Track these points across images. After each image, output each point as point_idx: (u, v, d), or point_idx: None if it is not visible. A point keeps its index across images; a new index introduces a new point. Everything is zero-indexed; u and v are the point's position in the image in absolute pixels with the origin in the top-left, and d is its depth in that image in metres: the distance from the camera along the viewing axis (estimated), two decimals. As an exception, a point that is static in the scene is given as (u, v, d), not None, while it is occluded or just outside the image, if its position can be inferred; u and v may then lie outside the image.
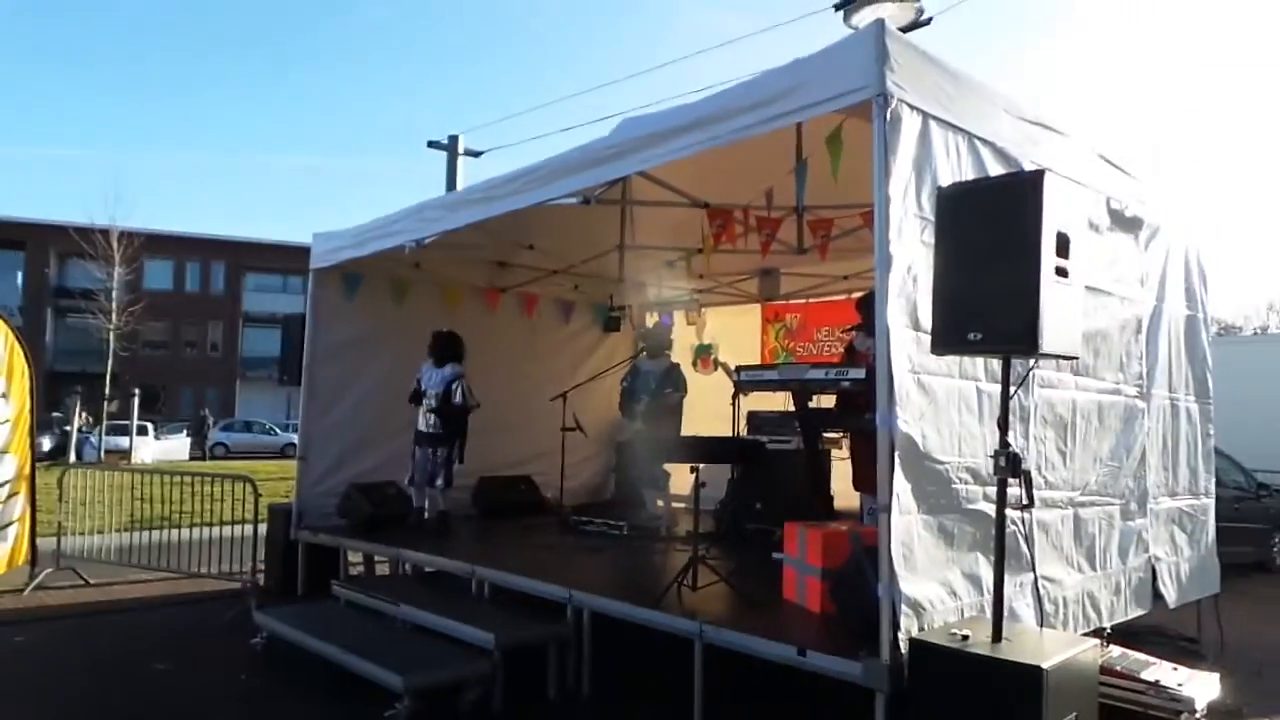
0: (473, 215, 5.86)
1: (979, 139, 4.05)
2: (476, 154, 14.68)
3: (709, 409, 8.01)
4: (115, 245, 27.86)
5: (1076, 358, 3.99)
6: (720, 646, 4.11)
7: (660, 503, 7.70)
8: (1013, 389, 3.44)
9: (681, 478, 6.57)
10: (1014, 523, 3.85)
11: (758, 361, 9.03)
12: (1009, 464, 3.33)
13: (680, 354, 8.79)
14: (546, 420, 8.31)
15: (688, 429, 7.63)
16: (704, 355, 9.35)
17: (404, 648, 5.08)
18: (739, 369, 6.52)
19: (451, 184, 13.99)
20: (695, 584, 4.82)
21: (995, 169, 4.06)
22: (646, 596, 4.68)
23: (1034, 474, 4.08)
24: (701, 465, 5.16)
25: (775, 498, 6.60)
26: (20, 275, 42.45)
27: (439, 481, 7.46)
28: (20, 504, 7.65)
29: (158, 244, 36.37)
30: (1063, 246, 3.23)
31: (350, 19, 76.68)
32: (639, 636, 4.62)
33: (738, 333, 9.58)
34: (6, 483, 7.53)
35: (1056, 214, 3.20)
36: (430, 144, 14.40)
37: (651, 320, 9.61)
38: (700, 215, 6.38)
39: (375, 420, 7.95)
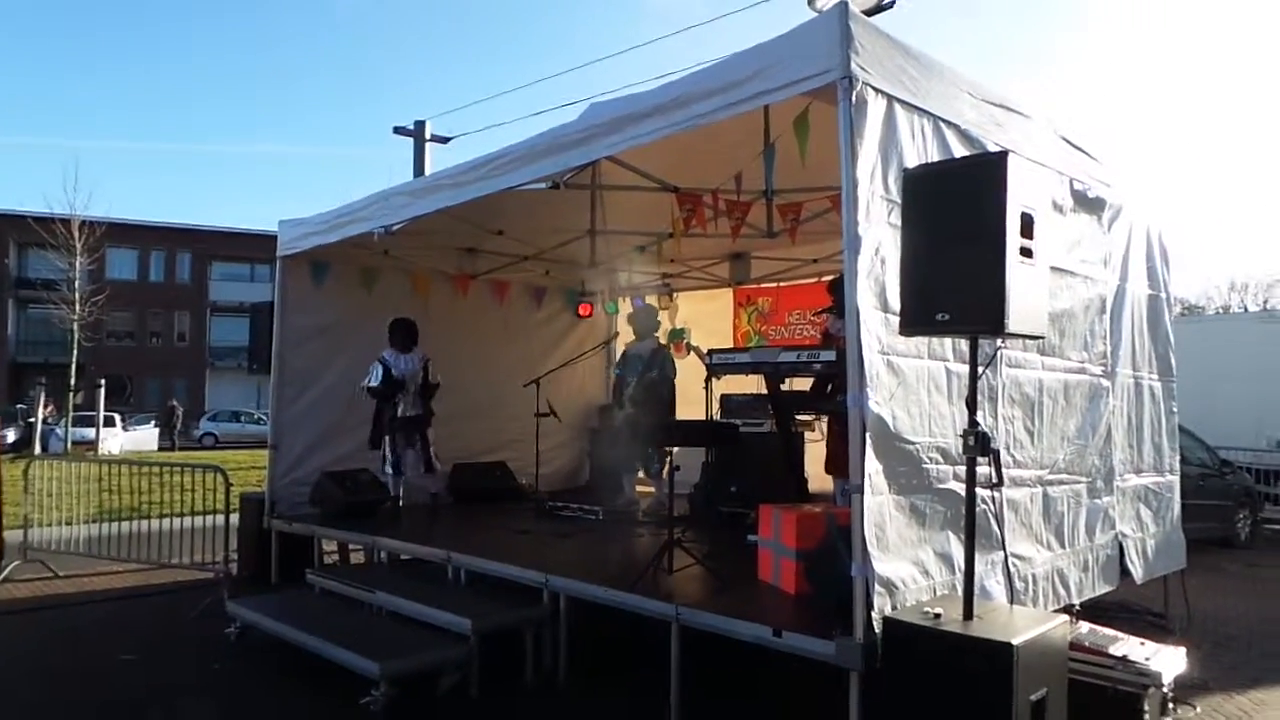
0: (441, 201, 5.81)
1: (943, 121, 4.08)
2: (444, 140, 14.55)
3: (682, 393, 8.02)
4: (76, 235, 27.29)
5: (1042, 337, 4.05)
6: (697, 628, 4.14)
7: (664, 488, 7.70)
8: (981, 369, 3.48)
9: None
10: (984, 501, 3.91)
11: (730, 345, 9.05)
12: (978, 443, 3.37)
13: (653, 338, 8.79)
14: (520, 406, 8.28)
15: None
16: (676, 340, 9.36)
17: (380, 635, 5.08)
18: (711, 352, 6.53)
19: (420, 170, 13.86)
20: (671, 567, 4.85)
21: (960, 150, 4.09)
22: (623, 580, 4.69)
23: (1003, 453, 4.13)
24: (676, 449, 5.18)
25: (749, 480, 6.64)
26: (-21, 266, 41.52)
27: (436, 465, 7.61)
28: (-15, 497, 7.53)
29: (121, 233, 35.72)
30: (1027, 227, 3.26)
31: (315, 5, 75.52)
32: (616, 620, 4.64)
33: (710, 317, 9.61)
34: (-31, 476, 7.41)
35: (1020, 195, 3.22)
36: (396, 129, 14.27)
37: (625, 306, 9.60)
38: (670, 199, 6.37)
39: (346, 408, 7.88)
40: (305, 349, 7.80)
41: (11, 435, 23.03)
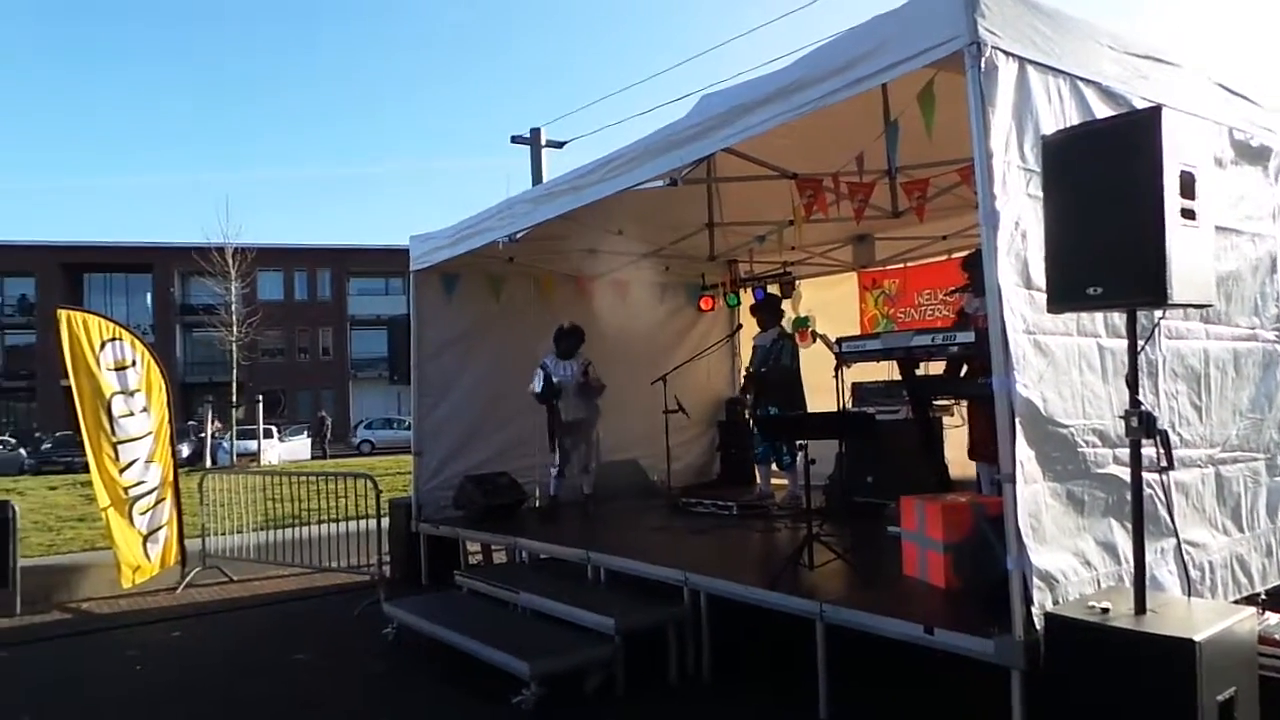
0: (562, 206, 5.90)
1: (1082, 80, 3.80)
2: (559, 145, 14.80)
3: (811, 383, 7.86)
4: (231, 261, 29.37)
5: (1211, 305, 3.72)
6: (842, 626, 4.04)
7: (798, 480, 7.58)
8: (1141, 344, 3.23)
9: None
10: (1150, 485, 3.64)
11: (857, 331, 8.79)
12: (1142, 424, 3.13)
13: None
14: (648, 404, 8.32)
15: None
16: (801, 328, 9.18)
17: (527, 634, 5.21)
18: (839, 340, 6.35)
19: (537, 176, 14.17)
20: (812, 562, 4.76)
21: (1102, 110, 3.80)
22: (763, 576, 4.64)
23: (1168, 432, 3.83)
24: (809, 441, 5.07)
25: (886, 470, 6.44)
26: (149, 296, 45.49)
27: (592, 465, 7.71)
28: (168, 509, 8.21)
29: (267, 257, 38.16)
30: (1187, 186, 3.00)
31: (436, 24, 78.62)
32: (759, 617, 4.58)
33: (835, 303, 9.34)
34: (154, 489, 8.09)
35: (1177, 152, 2.97)
36: (514, 139, 14.63)
37: (746, 298, 9.51)
38: (789, 186, 6.24)
39: (483, 413, 8.16)
40: (441, 359, 8.10)
41: (185, 450, 25.03)
